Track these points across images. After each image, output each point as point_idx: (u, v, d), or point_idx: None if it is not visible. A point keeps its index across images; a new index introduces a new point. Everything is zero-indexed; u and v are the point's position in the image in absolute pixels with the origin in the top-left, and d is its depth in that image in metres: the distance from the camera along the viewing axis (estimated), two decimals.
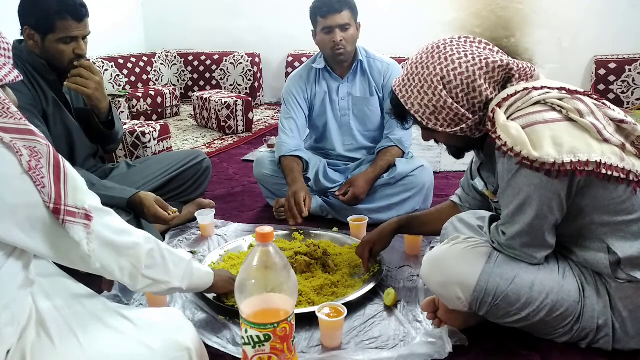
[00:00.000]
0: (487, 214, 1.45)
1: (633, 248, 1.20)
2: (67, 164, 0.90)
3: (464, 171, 1.59)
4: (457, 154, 1.44)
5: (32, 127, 0.87)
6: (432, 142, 1.44)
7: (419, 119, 1.32)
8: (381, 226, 1.73)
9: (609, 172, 1.15)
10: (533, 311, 1.26)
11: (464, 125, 1.28)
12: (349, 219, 2.05)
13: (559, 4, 4.39)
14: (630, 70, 4.19)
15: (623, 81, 4.21)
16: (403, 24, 4.74)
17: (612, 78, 4.24)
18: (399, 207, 2.19)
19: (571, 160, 1.14)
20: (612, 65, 4.24)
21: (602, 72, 4.26)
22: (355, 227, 2.01)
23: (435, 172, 2.54)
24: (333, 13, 2.15)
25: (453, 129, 1.29)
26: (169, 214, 1.78)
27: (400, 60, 4.58)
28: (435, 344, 1.33)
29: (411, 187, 2.19)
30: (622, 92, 4.21)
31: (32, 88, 1.75)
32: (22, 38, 1.78)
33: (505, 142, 1.18)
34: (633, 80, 4.19)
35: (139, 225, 1.77)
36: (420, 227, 1.72)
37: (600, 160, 1.15)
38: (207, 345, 1.31)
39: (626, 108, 4.12)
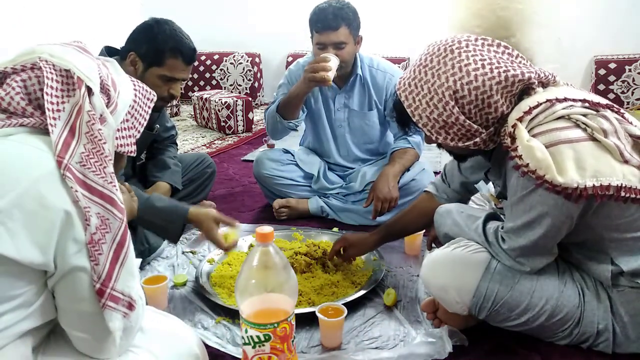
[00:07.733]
0: (480, 214, 1.38)
1: (638, 262, 1.19)
2: (131, 246, 0.85)
3: None
4: (460, 159, 1.40)
5: (116, 197, 0.83)
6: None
7: (428, 133, 1.24)
8: (365, 235, 1.69)
9: (627, 195, 1.11)
10: (532, 316, 1.26)
11: (477, 139, 1.20)
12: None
13: (559, 4, 4.38)
14: (630, 70, 4.19)
15: (623, 81, 4.21)
16: (402, 24, 4.74)
17: (612, 78, 4.23)
18: (399, 210, 2.18)
19: (593, 185, 1.09)
20: (612, 65, 4.23)
21: (602, 72, 4.26)
22: None
23: (435, 172, 2.53)
24: (328, 30, 2.01)
25: (465, 143, 1.21)
26: (224, 242, 1.60)
27: (399, 61, 4.64)
28: (435, 344, 1.33)
29: (413, 190, 2.18)
30: (622, 92, 4.21)
31: None
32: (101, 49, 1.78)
33: (527, 164, 1.11)
34: (633, 80, 4.19)
35: (134, 236, 1.72)
36: (402, 231, 1.70)
37: (621, 184, 1.11)
38: (207, 345, 1.31)
39: (626, 108, 4.12)
